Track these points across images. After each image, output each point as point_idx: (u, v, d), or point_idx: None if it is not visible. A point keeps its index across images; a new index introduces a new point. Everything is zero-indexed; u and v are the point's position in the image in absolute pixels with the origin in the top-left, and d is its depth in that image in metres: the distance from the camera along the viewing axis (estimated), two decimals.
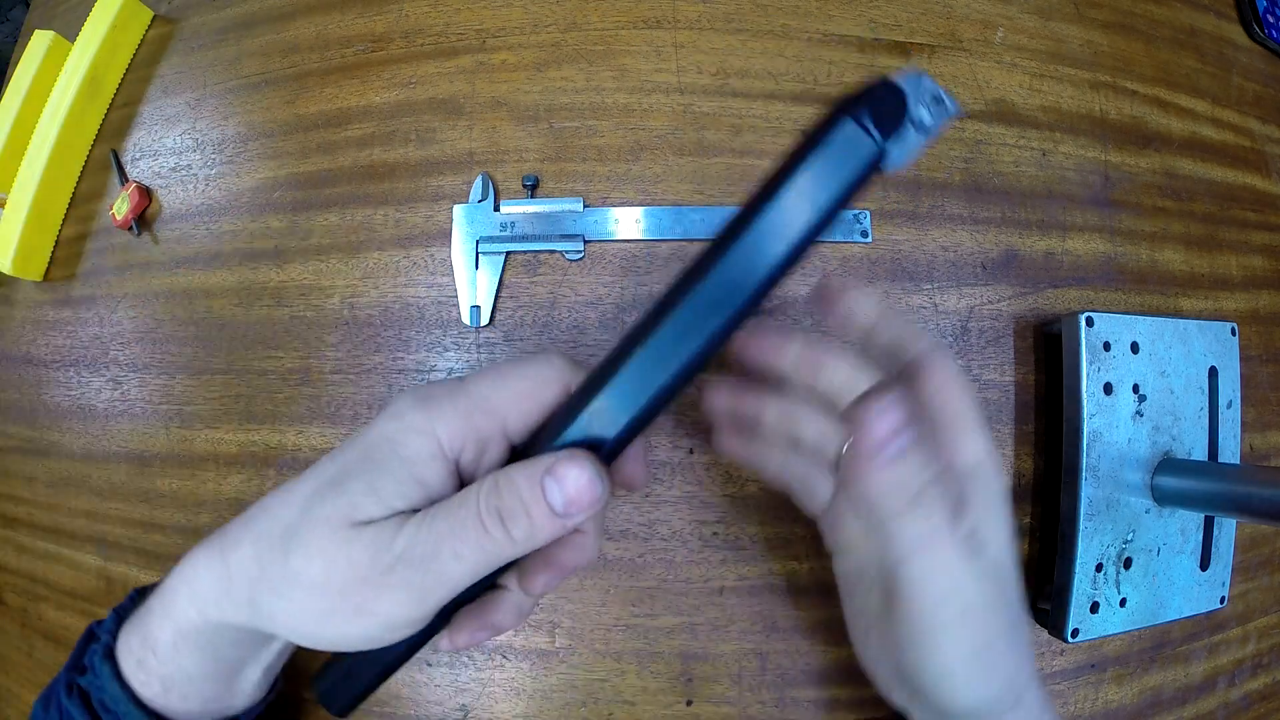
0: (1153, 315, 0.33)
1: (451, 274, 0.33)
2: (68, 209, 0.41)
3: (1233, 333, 0.35)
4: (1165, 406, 0.33)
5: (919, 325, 0.33)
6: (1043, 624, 0.32)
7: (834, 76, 0.35)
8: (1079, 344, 0.31)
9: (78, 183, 0.41)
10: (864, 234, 0.34)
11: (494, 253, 0.33)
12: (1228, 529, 0.34)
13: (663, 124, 0.34)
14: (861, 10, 0.36)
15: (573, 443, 0.19)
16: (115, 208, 0.38)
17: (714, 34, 0.35)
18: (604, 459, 0.19)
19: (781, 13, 0.36)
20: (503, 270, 0.33)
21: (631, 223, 0.33)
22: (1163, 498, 0.32)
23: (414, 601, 0.18)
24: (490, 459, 0.20)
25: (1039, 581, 0.33)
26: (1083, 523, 0.30)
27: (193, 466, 0.35)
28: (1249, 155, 0.41)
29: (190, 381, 0.36)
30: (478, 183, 0.34)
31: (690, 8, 0.35)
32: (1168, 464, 0.32)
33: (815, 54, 0.35)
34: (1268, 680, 0.38)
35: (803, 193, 0.19)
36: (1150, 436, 0.32)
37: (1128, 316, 0.32)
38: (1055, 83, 0.37)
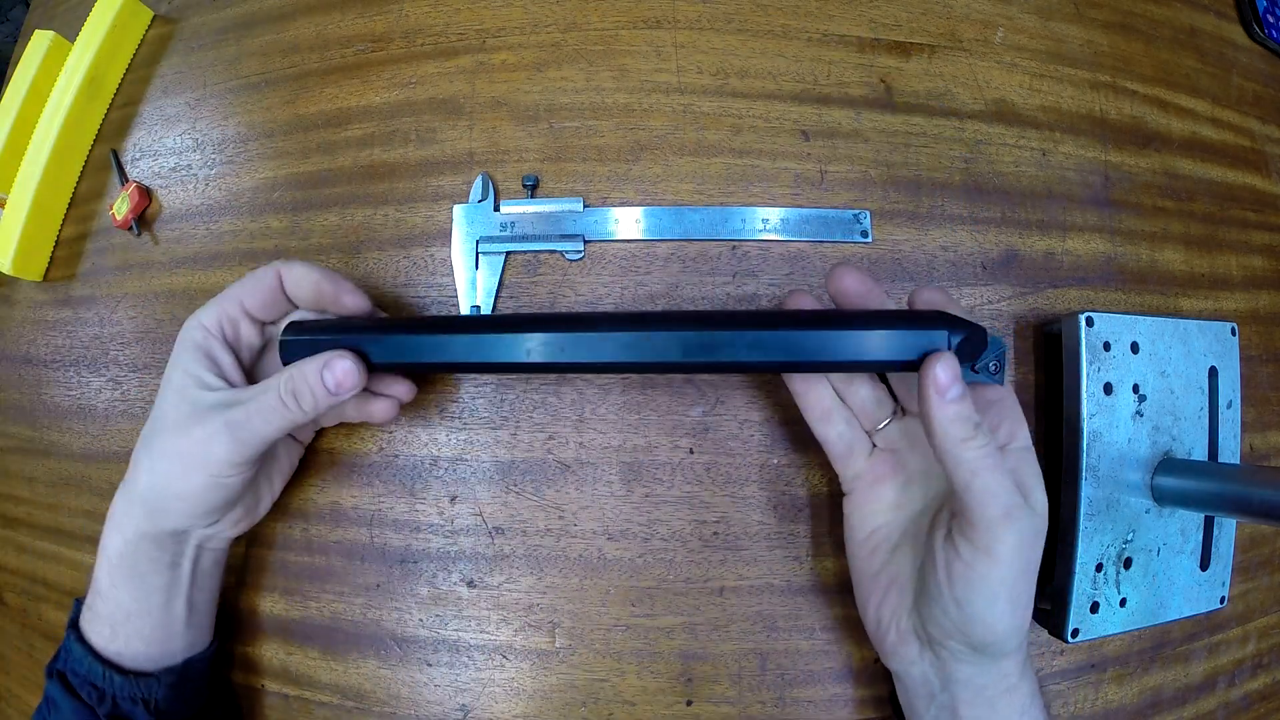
0: (1153, 315, 0.33)
1: (451, 274, 0.33)
2: (68, 209, 0.41)
3: (1233, 333, 0.35)
4: (1165, 406, 0.33)
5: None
6: (1043, 624, 0.32)
7: (834, 76, 0.35)
8: (1079, 344, 0.31)
9: (78, 183, 0.41)
10: (864, 234, 0.34)
11: (494, 253, 0.33)
12: (1228, 529, 0.34)
13: (663, 124, 0.34)
14: (861, 10, 0.36)
15: (348, 346, 0.27)
16: (115, 208, 0.38)
17: (714, 34, 0.35)
18: (368, 363, 0.27)
19: (781, 13, 0.36)
20: (503, 270, 0.33)
21: (631, 223, 0.33)
22: (1163, 498, 0.32)
23: (239, 449, 0.26)
24: (246, 330, 0.29)
25: (1039, 581, 0.33)
26: (1083, 523, 0.30)
27: None
28: (1249, 155, 0.41)
29: None
30: (478, 183, 0.34)
31: (690, 8, 0.35)
32: (1168, 464, 0.32)
33: (815, 54, 0.35)
34: (1268, 680, 0.38)
35: (866, 339, 0.25)
36: (1150, 436, 0.32)
37: (1128, 316, 0.32)
38: (1055, 83, 0.37)
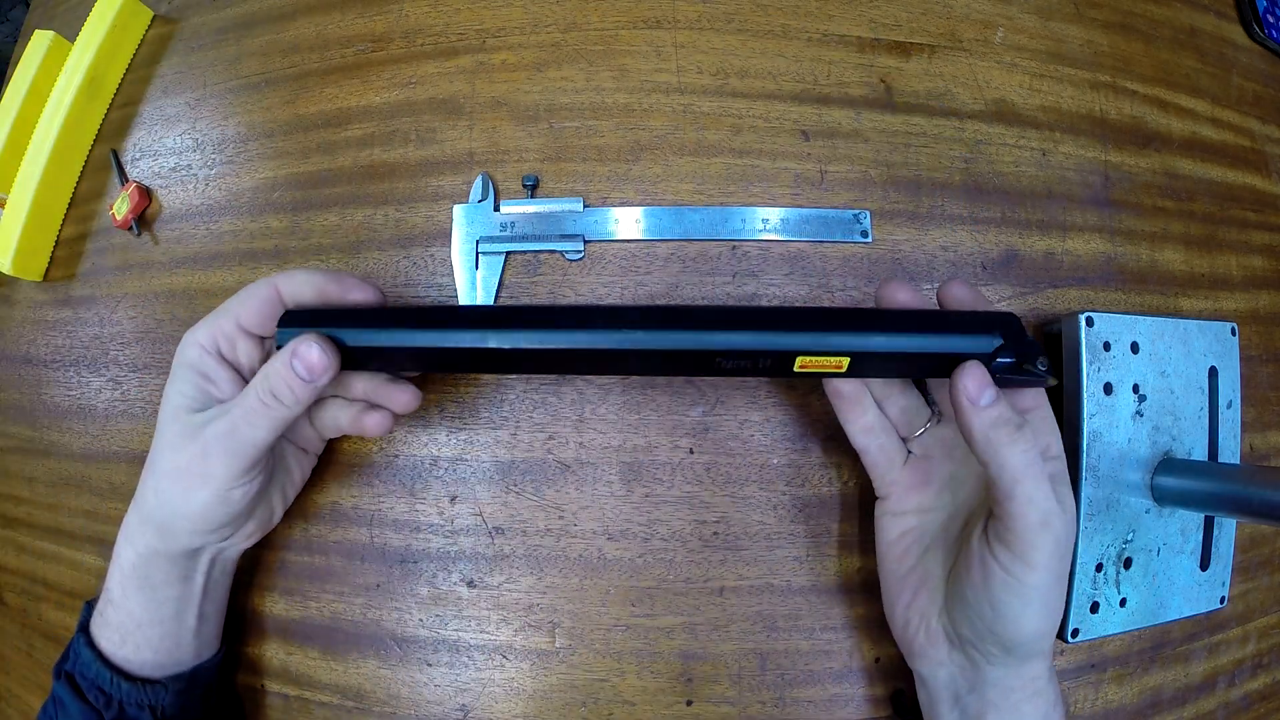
0: (1153, 315, 0.33)
1: (451, 274, 0.33)
2: (68, 209, 0.41)
3: (1233, 333, 0.35)
4: (1165, 406, 0.33)
5: None
6: None
7: (834, 76, 0.35)
8: (1079, 344, 0.31)
9: (78, 183, 0.41)
10: (864, 234, 0.34)
11: (494, 253, 0.33)
12: (1228, 529, 0.34)
13: (663, 124, 0.34)
14: (861, 10, 0.36)
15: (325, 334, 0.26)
16: (115, 208, 0.38)
17: (714, 34, 0.35)
18: (342, 352, 0.26)
19: (781, 13, 0.36)
20: (503, 270, 0.33)
21: (631, 223, 0.33)
22: (1163, 498, 0.32)
23: (234, 461, 0.26)
24: (244, 346, 0.28)
25: None
26: (1083, 523, 0.30)
27: None
28: (1249, 155, 0.41)
29: None
30: (478, 183, 0.34)
31: (690, 8, 0.35)
32: (1168, 464, 0.32)
33: (815, 54, 0.35)
34: (1268, 680, 0.38)
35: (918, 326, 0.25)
36: (1150, 436, 0.32)
37: (1128, 316, 0.32)
38: (1055, 83, 0.37)
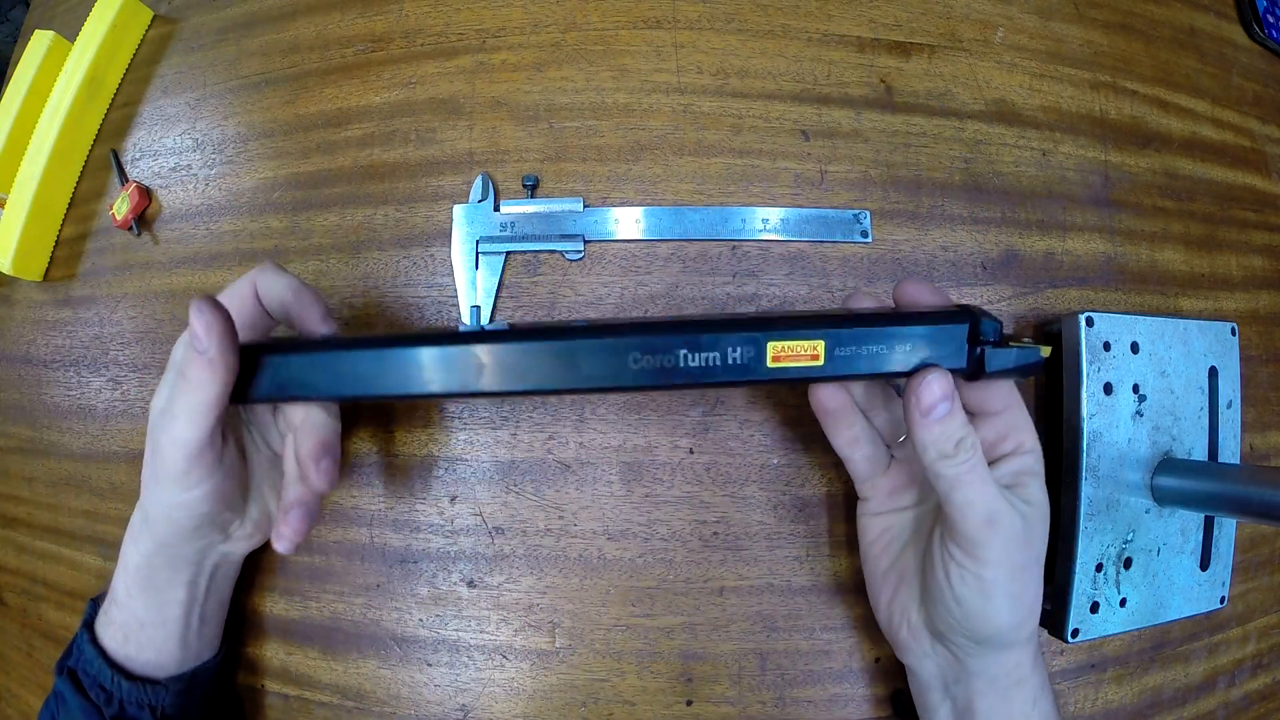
0: (1153, 315, 0.33)
1: (451, 274, 0.33)
2: (68, 209, 0.41)
3: (1233, 333, 0.35)
4: (1165, 406, 0.33)
5: None
6: (1043, 624, 0.32)
7: (834, 76, 0.35)
8: (1079, 344, 0.31)
9: (78, 183, 0.41)
10: (864, 234, 0.34)
11: (494, 253, 0.33)
12: (1228, 529, 0.34)
13: (663, 124, 0.34)
14: (861, 10, 0.36)
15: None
16: (115, 208, 0.38)
17: (714, 34, 0.35)
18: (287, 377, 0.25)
19: (781, 13, 0.36)
20: (503, 270, 0.33)
21: (631, 223, 0.33)
22: (1163, 498, 0.32)
23: (173, 455, 0.25)
24: None
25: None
26: (1083, 523, 0.30)
27: None
28: (1249, 155, 0.41)
29: None
30: (478, 183, 0.34)
31: (690, 8, 0.35)
32: (1168, 464, 0.32)
33: (815, 54, 0.35)
34: (1268, 680, 0.38)
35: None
36: (1150, 436, 0.32)
37: (1128, 316, 0.32)
38: (1055, 83, 0.37)
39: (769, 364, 0.23)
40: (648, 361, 0.23)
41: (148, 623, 0.28)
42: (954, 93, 0.36)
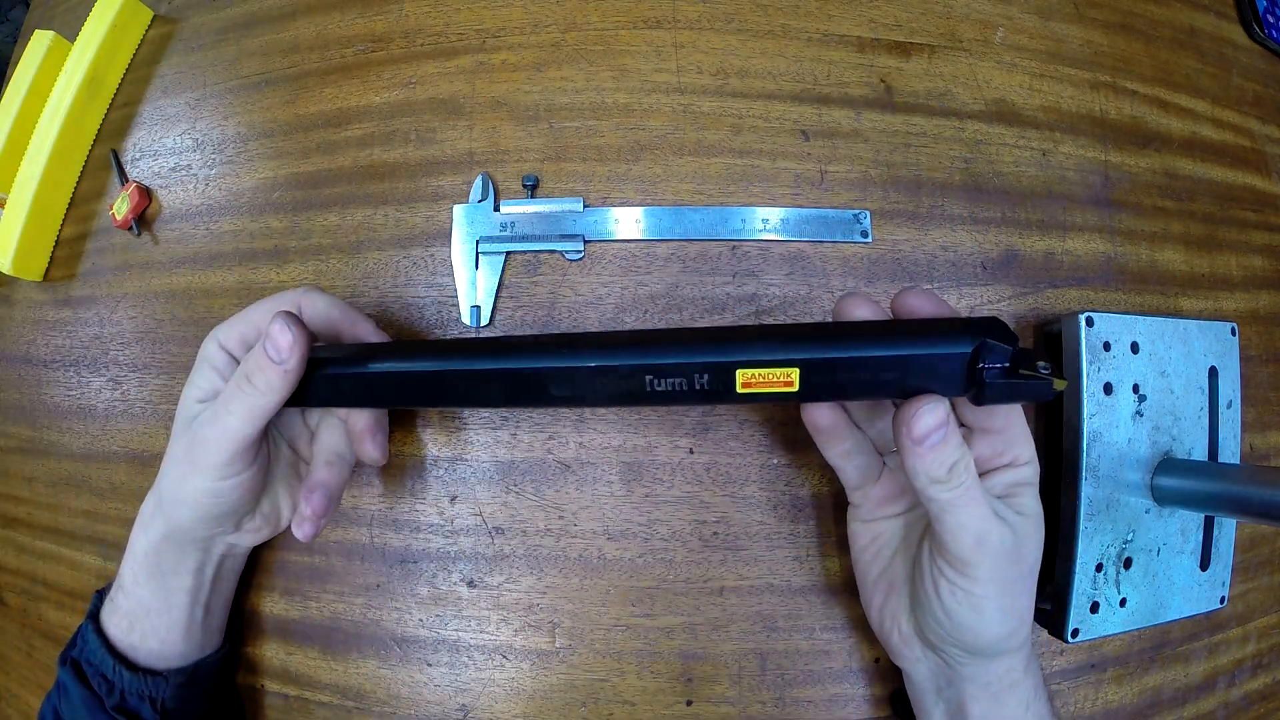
0: (1153, 315, 0.33)
1: (451, 274, 0.33)
2: (68, 209, 0.41)
3: (1233, 333, 0.35)
4: (1165, 406, 0.33)
5: None
6: (1043, 624, 0.32)
7: (834, 76, 0.35)
8: (1079, 344, 0.31)
9: (78, 183, 0.41)
10: (864, 234, 0.34)
11: (494, 253, 0.33)
12: (1228, 529, 0.34)
13: (663, 124, 0.34)
14: (861, 10, 0.36)
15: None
16: (115, 208, 0.38)
17: (714, 34, 0.35)
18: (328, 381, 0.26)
19: (781, 13, 0.36)
20: (503, 270, 0.33)
21: (631, 223, 0.33)
22: (1163, 498, 0.32)
23: (219, 451, 0.26)
24: (250, 348, 0.27)
25: (1039, 581, 0.33)
26: (1083, 523, 0.30)
27: None
28: (1249, 155, 0.41)
29: None
30: (478, 183, 0.34)
31: (690, 8, 0.35)
32: (1168, 464, 0.32)
33: (815, 54, 0.35)
34: (1268, 680, 0.38)
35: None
36: (1150, 436, 0.32)
37: (1128, 316, 0.32)
38: (1055, 83, 0.37)
39: (739, 389, 0.22)
40: (615, 387, 0.23)
41: (153, 610, 0.29)
42: (954, 93, 0.36)
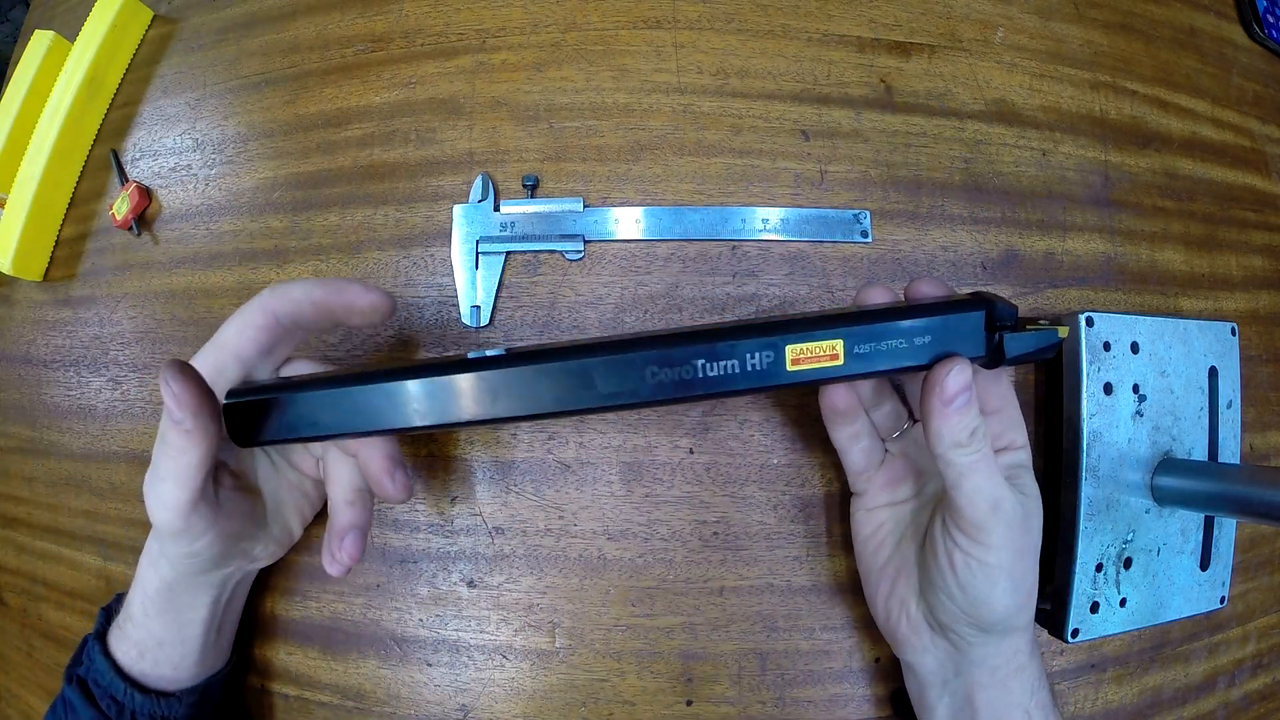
0: (1153, 315, 0.33)
1: (451, 274, 0.33)
2: (68, 209, 0.41)
3: (1233, 333, 0.35)
4: (1165, 406, 0.33)
5: None
6: (1043, 624, 0.32)
7: (834, 76, 0.35)
8: (1079, 344, 0.31)
9: (78, 183, 0.41)
10: (864, 234, 0.34)
11: (494, 253, 0.33)
12: (1228, 529, 0.34)
13: (663, 124, 0.34)
14: (861, 10, 0.36)
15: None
16: (115, 208, 0.38)
17: (714, 34, 0.35)
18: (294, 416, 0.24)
19: (781, 13, 0.36)
20: (503, 270, 0.33)
21: (631, 223, 0.33)
22: (1163, 498, 0.32)
23: (169, 517, 0.24)
24: (228, 375, 0.26)
25: (1039, 581, 0.33)
26: (1083, 523, 0.30)
27: None
28: (1249, 155, 0.41)
29: None
30: (478, 183, 0.34)
31: (690, 8, 0.35)
32: (1168, 464, 0.32)
33: (815, 54, 0.35)
34: (1268, 680, 0.38)
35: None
36: (1150, 436, 0.32)
37: (1128, 316, 0.32)
38: (1055, 83, 0.37)
39: (789, 368, 0.22)
40: (665, 375, 0.22)
41: (166, 642, 0.28)
42: (954, 93, 0.36)
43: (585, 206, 0.33)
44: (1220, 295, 0.38)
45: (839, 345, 0.23)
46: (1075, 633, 0.30)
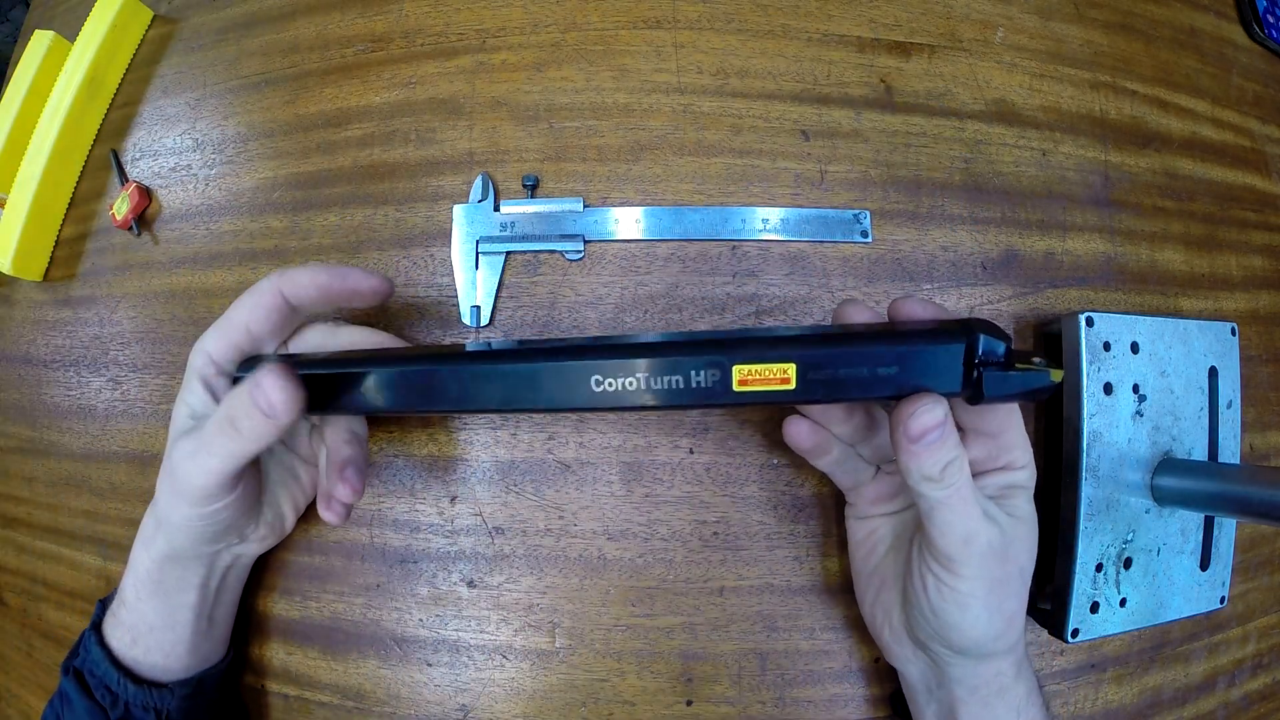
0: (1153, 315, 0.33)
1: (451, 274, 0.33)
2: (68, 209, 0.41)
3: (1233, 333, 0.35)
4: (1165, 406, 0.33)
5: None
6: (1043, 624, 0.32)
7: (834, 76, 0.35)
8: (1079, 344, 0.31)
9: (78, 183, 0.41)
10: (864, 234, 0.34)
11: (494, 253, 0.33)
12: (1228, 529, 0.34)
13: (663, 124, 0.34)
14: (861, 10, 0.36)
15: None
16: (115, 208, 0.38)
17: (714, 34, 0.35)
18: (303, 380, 0.24)
19: (781, 13, 0.36)
20: (503, 270, 0.33)
21: (631, 223, 0.33)
22: (1163, 498, 0.32)
23: (199, 482, 0.25)
24: (241, 351, 0.27)
25: (1039, 581, 0.33)
26: (1083, 523, 0.30)
27: None
28: (1249, 155, 0.41)
29: None
30: (478, 183, 0.34)
31: (690, 8, 0.35)
32: (1168, 464, 0.32)
33: (815, 54, 0.35)
34: (1268, 680, 0.38)
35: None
36: (1150, 436, 0.32)
37: (1128, 316, 0.32)
38: (1055, 83, 0.37)
39: (735, 387, 0.22)
40: (609, 385, 0.22)
41: (157, 626, 0.28)
42: (954, 93, 0.36)
43: (585, 206, 0.33)
44: (1220, 295, 0.38)
45: (790, 370, 0.21)
46: (1075, 633, 0.30)
